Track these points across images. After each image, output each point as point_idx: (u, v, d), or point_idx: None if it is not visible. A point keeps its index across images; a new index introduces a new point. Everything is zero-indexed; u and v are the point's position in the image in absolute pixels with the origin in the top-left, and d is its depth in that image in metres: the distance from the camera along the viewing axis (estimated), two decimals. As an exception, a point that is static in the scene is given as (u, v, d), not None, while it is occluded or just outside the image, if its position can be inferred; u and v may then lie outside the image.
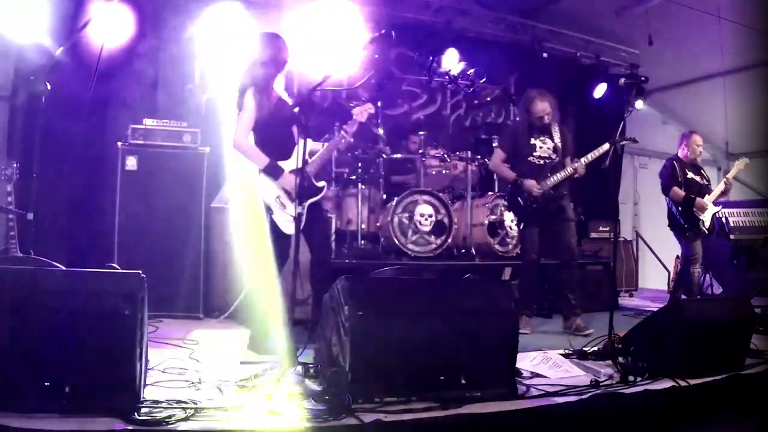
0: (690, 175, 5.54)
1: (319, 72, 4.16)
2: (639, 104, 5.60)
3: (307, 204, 3.61)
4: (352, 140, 3.98)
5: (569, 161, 4.72)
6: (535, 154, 4.68)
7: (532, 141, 4.70)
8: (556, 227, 4.71)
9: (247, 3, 5.72)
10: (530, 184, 4.59)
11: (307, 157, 3.72)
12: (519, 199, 4.67)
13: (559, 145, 4.71)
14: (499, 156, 4.85)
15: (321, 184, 3.74)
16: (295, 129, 3.63)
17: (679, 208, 5.48)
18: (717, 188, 5.52)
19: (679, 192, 5.47)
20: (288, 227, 3.57)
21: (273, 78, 3.64)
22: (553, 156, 4.69)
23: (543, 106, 4.66)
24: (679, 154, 5.62)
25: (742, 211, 6.72)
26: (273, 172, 3.57)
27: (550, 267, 5.10)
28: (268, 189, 3.60)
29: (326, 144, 3.85)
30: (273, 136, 3.60)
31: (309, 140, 3.83)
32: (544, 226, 4.71)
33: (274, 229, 3.61)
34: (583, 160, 4.64)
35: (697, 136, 5.68)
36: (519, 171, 4.69)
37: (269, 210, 3.61)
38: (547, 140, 4.71)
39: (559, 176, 4.64)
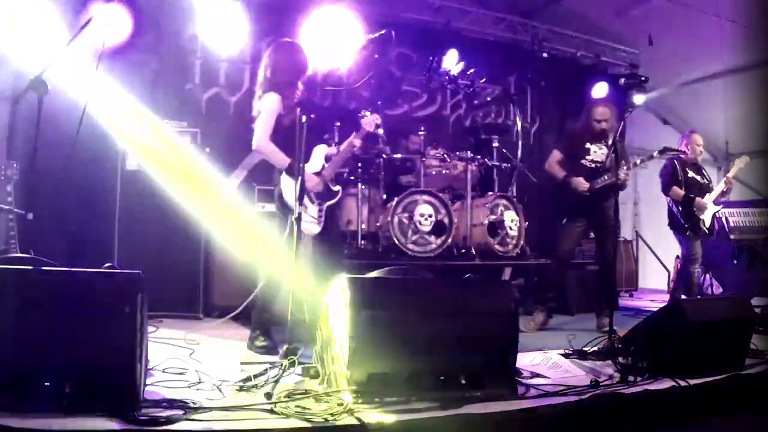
0: (691, 174, 5.57)
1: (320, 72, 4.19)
2: (639, 99, 5.65)
3: (325, 206, 3.74)
4: (359, 147, 4.15)
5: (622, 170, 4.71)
6: (588, 157, 4.85)
7: (587, 145, 4.86)
8: (596, 230, 4.91)
9: (247, 3, 5.72)
10: (578, 181, 4.75)
11: (324, 162, 3.84)
12: (565, 195, 4.84)
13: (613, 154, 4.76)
14: (555, 157, 5.01)
15: (336, 188, 3.85)
16: (313, 134, 3.73)
17: (680, 208, 5.50)
18: (717, 187, 5.55)
19: (678, 191, 5.49)
20: (308, 228, 3.66)
21: (291, 84, 3.73)
22: (606, 162, 4.79)
23: (603, 111, 4.81)
24: (680, 154, 5.63)
25: (742, 211, 6.72)
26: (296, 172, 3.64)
27: (548, 267, 5.12)
28: (290, 189, 3.64)
29: (340, 151, 3.98)
30: (291, 139, 3.64)
31: (323, 146, 3.95)
32: (585, 226, 4.90)
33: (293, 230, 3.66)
34: (626, 169, 4.72)
35: (698, 135, 5.72)
36: (572, 172, 4.84)
37: (290, 210, 3.62)
38: (603, 147, 4.84)
39: (606, 179, 4.73)
